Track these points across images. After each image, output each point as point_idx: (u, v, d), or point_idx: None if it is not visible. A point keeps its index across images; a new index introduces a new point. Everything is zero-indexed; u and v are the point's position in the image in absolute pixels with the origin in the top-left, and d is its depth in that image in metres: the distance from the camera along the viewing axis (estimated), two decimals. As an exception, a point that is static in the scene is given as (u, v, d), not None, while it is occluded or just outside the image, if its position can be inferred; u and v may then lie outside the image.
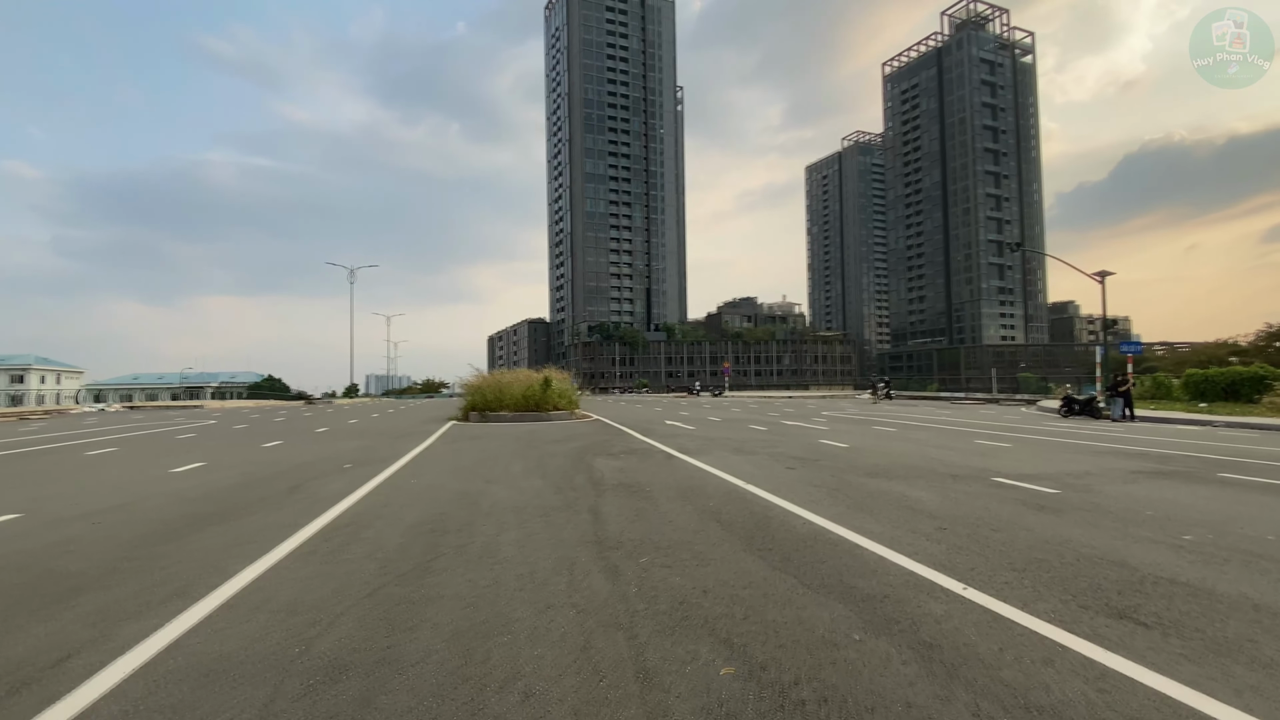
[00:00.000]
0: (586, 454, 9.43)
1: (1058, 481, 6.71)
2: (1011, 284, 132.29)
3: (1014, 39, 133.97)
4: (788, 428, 14.84)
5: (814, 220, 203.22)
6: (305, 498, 6.25)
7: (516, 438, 12.45)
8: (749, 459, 8.69)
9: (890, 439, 11.80)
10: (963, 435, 12.75)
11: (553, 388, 17.15)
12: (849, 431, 13.63)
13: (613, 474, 7.35)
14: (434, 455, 9.79)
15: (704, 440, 11.58)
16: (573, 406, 18.05)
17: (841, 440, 11.44)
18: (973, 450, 9.83)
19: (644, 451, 9.72)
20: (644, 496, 5.87)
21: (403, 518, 5.18)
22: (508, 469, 7.95)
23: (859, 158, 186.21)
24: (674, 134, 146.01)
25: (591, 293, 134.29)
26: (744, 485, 6.45)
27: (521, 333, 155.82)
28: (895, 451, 9.58)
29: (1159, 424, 16.15)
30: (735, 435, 12.68)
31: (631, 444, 11.00)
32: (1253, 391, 18.94)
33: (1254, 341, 44.14)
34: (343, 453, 10.45)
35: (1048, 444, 10.97)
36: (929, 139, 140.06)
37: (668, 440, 11.60)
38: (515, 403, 16.78)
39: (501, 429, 14.88)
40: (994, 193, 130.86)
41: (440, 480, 7.16)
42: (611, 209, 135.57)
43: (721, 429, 14.52)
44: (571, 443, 11.26)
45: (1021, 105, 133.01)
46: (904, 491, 6.09)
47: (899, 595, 3.12)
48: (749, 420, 17.80)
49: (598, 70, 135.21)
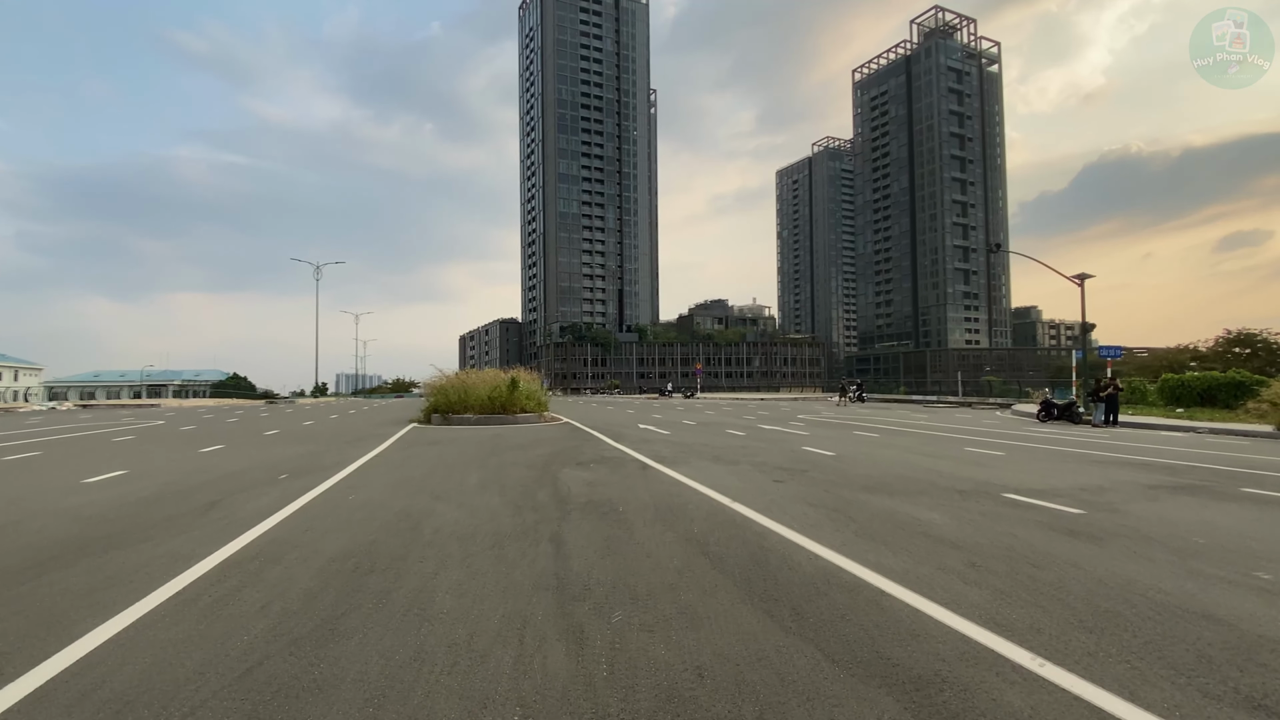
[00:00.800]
0: (553, 463, 8.52)
1: (1075, 499, 6.07)
2: (976, 289, 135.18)
3: (981, 48, 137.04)
4: (766, 432, 14.15)
5: (784, 224, 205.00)
6: (219, 518, 5.25)
7: (479, 443, 11.46)
8: (731, 470, 7.90)
9: (876, 446, 11.17)
10: (948, 441, 12.21)
11: (520, 389, 16.14)
12: (831, 438, 12.98)
13: (581, 488, 6.48)
14: (383, 464, 8.78)
15: (680, 447, 10.78)
16: (541, 409, 17.09)
17: (825, 447, 10.76)
18: (967, 459, 9.22)
19: (616, 460, 8.86)
20: (616, 520, 5.02)
21: (323, 548, 4.24)
22: (462, 482, 7.01)
23: (829, 163, 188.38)
24: (647, 136, 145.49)
25: (564, 293, 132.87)
26: (730, 504, 5.64)
27: (493, 333, 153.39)
28: (886, 461, 8.91)
29: (1142, 430, 15.94)
30: (713, 441, 11.92)
31: (602, 451, 10.13)
32: (1230, 397, 18.99)
33: (1213, 347, 45.41)
34: (284, 460, 9.36)
35: (1041, 452, 10.45)
36: (897, 145, 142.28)
37: (641, 447, 10.77)
38: (480, 404, 15.74)
39: (464, 433, 13.85)
40: (960, 199, 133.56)
41: (382, 496, 6.20)
42: (584, 209, 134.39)
43: (697, 434, 13.75)
44: (538, 449, 10.34)
45: (988, 113, 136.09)
46: (911, 512, 5.36)
47: (958, 676, 2.34)
48: (725, 424, 17.09)
49: (571, 71, 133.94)
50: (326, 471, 7.98)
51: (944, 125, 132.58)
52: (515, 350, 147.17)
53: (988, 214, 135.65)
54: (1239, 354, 42.18)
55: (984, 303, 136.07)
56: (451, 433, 13.98)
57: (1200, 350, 47.82)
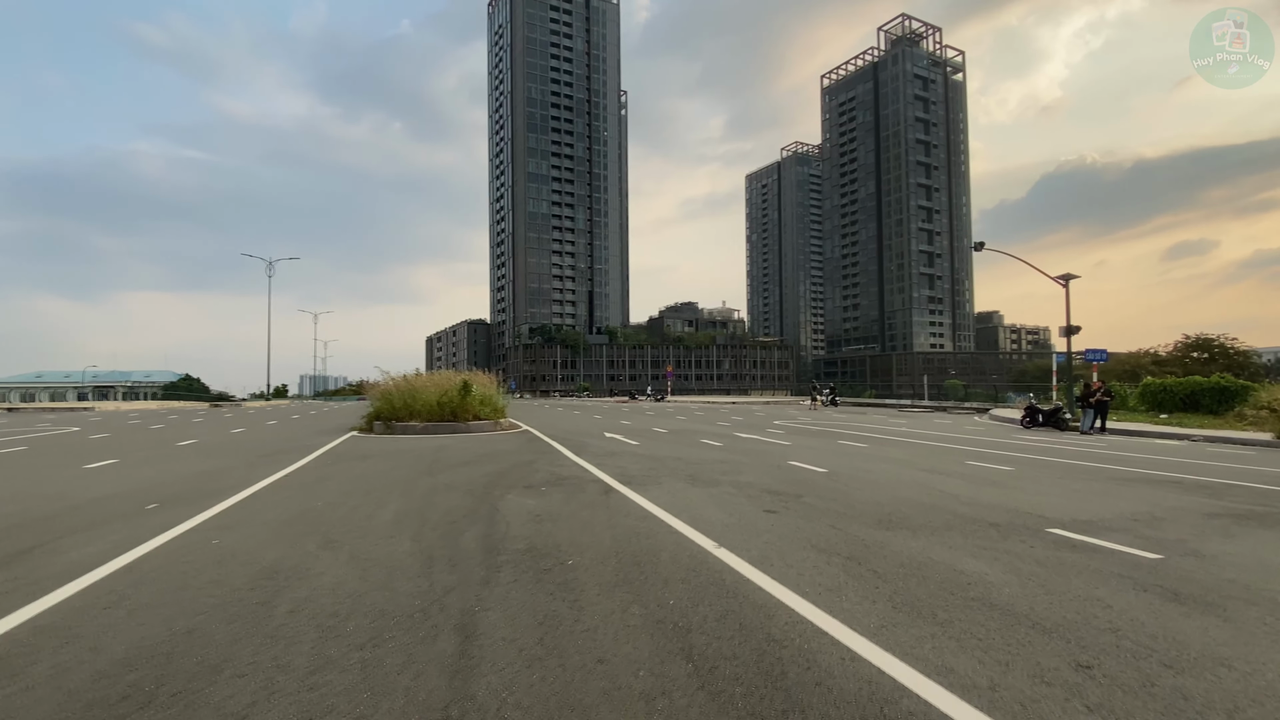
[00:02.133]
0: (497, 486, 7.08)
1: (1135, 535, 4.92)
2: (941, 293, 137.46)
3: (946, 57, 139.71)
4: (744, 443, 12.91)
5: (754, 228, 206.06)
6: (2, 582, 3.71)
7: (416, 458, 9.92)
8: (711, 494, 6.58)
9: (869, 459, 10.01)
10: (943, 453, 11.14)
11: (473, 394, 14.54)
12: (816, 449, 11.80)
13: (523, 526, 5.07)
14: (287, 488, 7.21)
15: (650, 462, 9.43)
16: (498, 415, 15.54)
17: (814, 461, 9.54)
18: (977, 477, 8.09)
19: (574, 482, 7.46)
20: (561, 583, 3.63)
21: (106, 647, 2.76)
22: (373, 516, 5.53)
23: (797, 168, 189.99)
24: (617, 137, 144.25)
25: (533, 294, 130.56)
26: (716, 551, 4.31)
27: (461, 334, 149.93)
28: (888, 480, 7.71)
29: (1132, 437, 15.22)
30: (687, 454, 10.60)
31: (560, 467, 8.72)
32: (1214, 403, 18.52)
33: (1172, 352, 46.19)
34: (173, 481, 7.71)
35: (1050, 467, 9.41)
36: (865, 151, 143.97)
37: (606, 462, 9.39)
38: (428, 411, 14.13)
39: (405, 445, 12.25)
40: (925, 205, 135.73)
41: (256, 541, 4.70)
42: (554, 210, 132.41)
43: (669, 444, 12.43)
44: (483, 466, 8.86)
45: (952, 121, 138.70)
46: (950, 560, 4.11)
47: None
48: (698, 431, 15.82)
49: (541, 70, 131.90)
50: (211, 499, 6.40)
51: (910, 132, 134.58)
52: (484, 352, 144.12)
53: (952, 220, 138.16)
54: (1197, 358, 42.91)
55: (948, 307, 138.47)
56: (390, 444, 12.37)
57: (1160, 355, 48.69)
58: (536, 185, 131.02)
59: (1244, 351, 47.60)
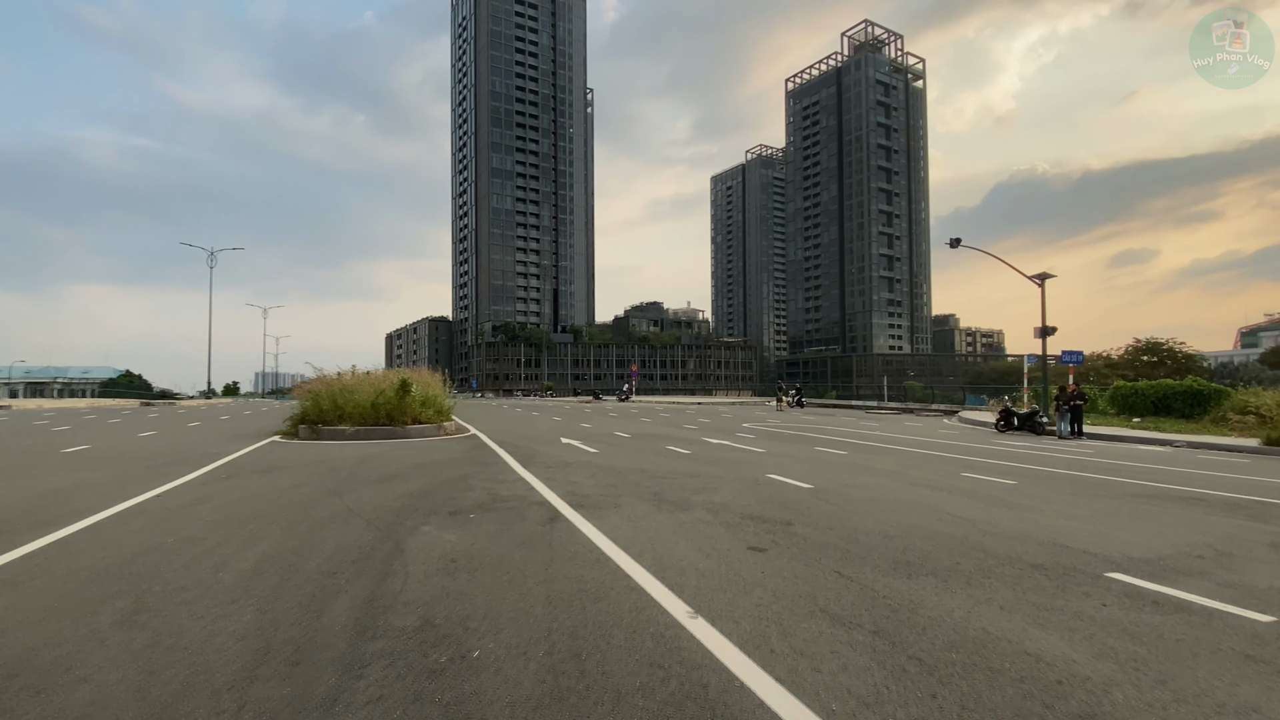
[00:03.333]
0: (414, 512, 5.69)
1: (1217, 581, 3.89)
2: (900, 296, 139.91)
3: (907, 64, 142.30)
4: (715, 450, 11.75)
5: (718, 229, 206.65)
6: None
7: (330, 471, 8.41)
8: (681, 522, 5.35)
9: (854, 470, 8.94)
10: (931, 462, 10.19)
11: (412, 394, 12.96)
12: (794, 457, 10.71)
13: (427, 581, 3.73)
14: (145, 514, 5.68)
15: (609, 476, 8.16)
16: (442, 418, 14.01)
17: (795, 474, 8.41)
18: (982, 494, 7.08)
19: (513, 505, 6.14)
20: (449, 709, 2.33)
21: None
22: (226, 564, 4.10)
23: (762, 170, 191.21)
24: (584, 135, 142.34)
25: (497, 291, 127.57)
26: (691, 624, 3.07)
27: (422, 331, 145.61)
28: (884, 500, 6.62)
29: (1112, 443, 14.65)
30: (652, 465, 9.37)
31: (501, 484, 7.37)
32: (1186, 407, 18.24)
33: (1124, 355, 47.27)
34: (11, 501, 6.08)
35: (1055, 480, 8.50)
36: (828, 155, 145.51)
37: (556, 476, 8.08)
38: (361, 413, 12.51)
39: (325, 453, 10.67)
40: (886, 209, 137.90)
41: (34, 605, 3.24)
42: (519, 206, 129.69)
43: (631, 452, 11.18)
44: (408, 482, 7.44)
45: (913, 127, 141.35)
46: (1013, 635, 2.96)
47: None
48: (663, 436, 14.62)
49: (506, 64, 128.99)
50: (32, 531, 4.87)
51: (872, 137, 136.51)
52: (446, 350, 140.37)
53: (911, 224, 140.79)
54: (1147, 361, 43.96)
55: (907, 310, 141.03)
56: (309, 453, 10.77)
57: (1112, 358, 49.88)
58: (500, 181, 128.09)
59: (1191, 355, 49.16)
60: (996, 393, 45.27)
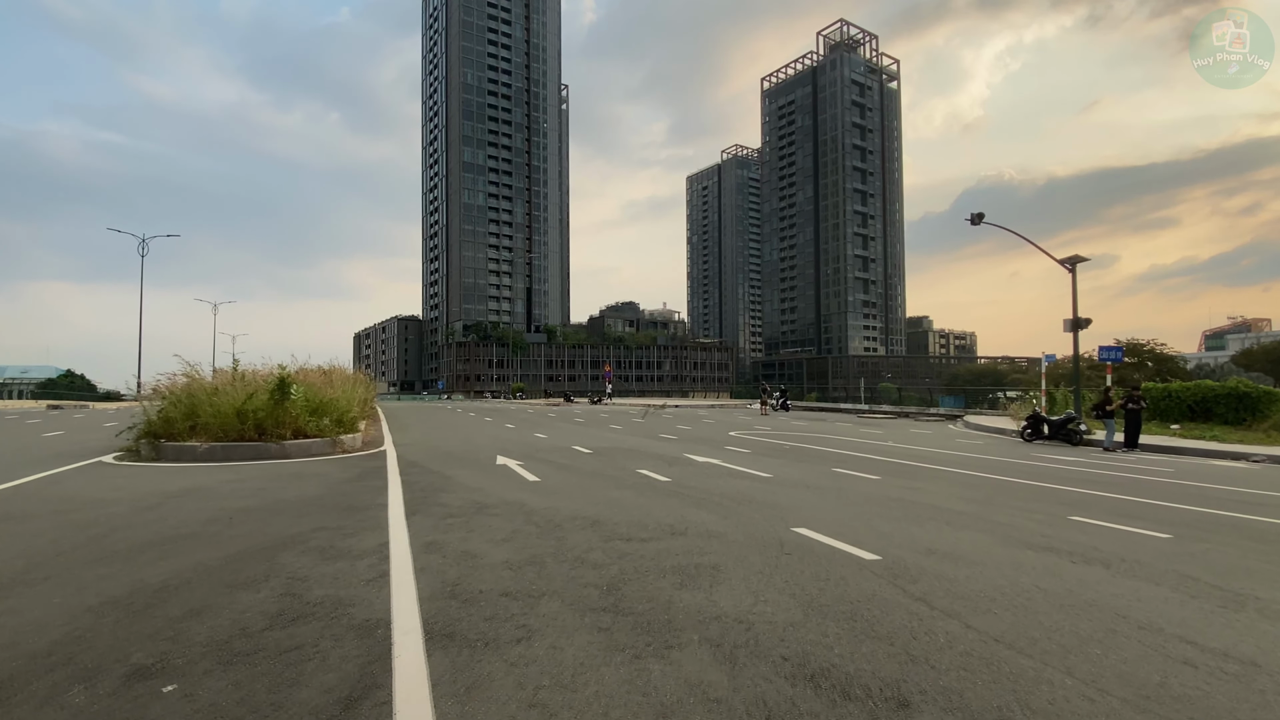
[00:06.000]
0: (49, 672, 2.53)
1: None
2: (875, 298, 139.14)
3: (882, 65, 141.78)
4: (702, 474, 8.71)
5: (694, 230, 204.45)
6: None
7: (72, 530, 5.11)
8: (661, 706, 2.28)
9: (919, 518, 5.97)
10: (1002, 492, 7.28)
11: (294, 398, 9.58)
12: (812, 486, 7.72)
13: None
14: None
15: (537, 537, 5.04)
16: (341, 429, 10.71)
17: (835, 527, 5.40)
18: (1161, 571, 4.14)
19: (301, 642, 2.99)
20: None
21: None
22: None
23: (737, 171, 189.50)
24: (558, 131, 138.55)
25: (468, 290, 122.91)
26: None
27: (391, 331, 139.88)
28: (1022, 594, 3.63)
29: (1169, 455, 12.03)
30: (612, 509, 6.28)
31: (326, 565, 4.20)
32: (1230, 412, 15.86)
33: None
34: None
35: (1219, 526, 5.63)
36: (803, 155, 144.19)
37: (448, 537, 4.93)
38: (221, 424, 9.17)
39: (128, 486, 7.32)
40: (861, 210, 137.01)
41: None
42: (491, 202, 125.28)
43: (587, 480, 8.08)
44: (169, 561, 4.20)
45: (888, 128, 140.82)
46: None
47: None
48: (634, 450, 11.55)
49: (478, 55, 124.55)
50: None
51: (847, 137, 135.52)
52: (415, 350, 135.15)
53: (886, 226, 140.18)
54: (1129, 363, 42.62)
55: (881, 312, 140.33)
56: (104, 486, 7.40)
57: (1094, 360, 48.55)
58: (472, 176, 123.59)
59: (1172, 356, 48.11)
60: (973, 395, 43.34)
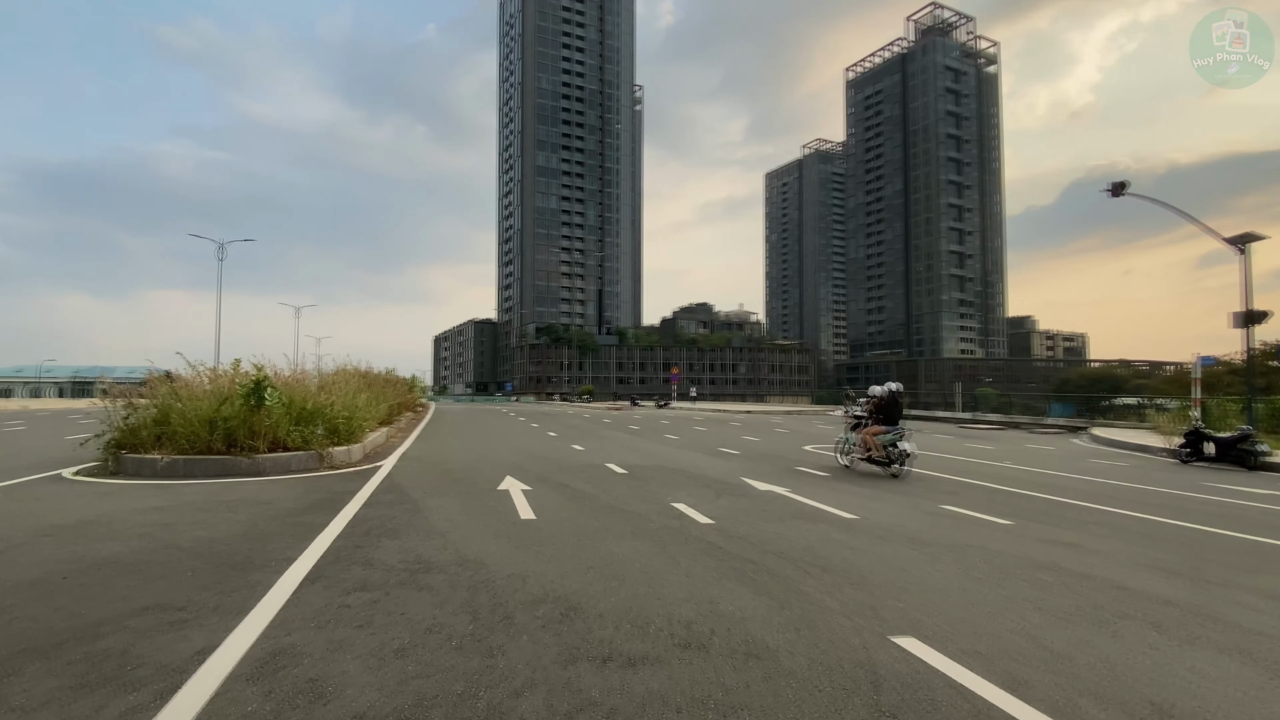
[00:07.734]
0: None
1: None
2: (971, 296, 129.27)
3: (979, 48, 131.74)
4: (758, 509, 6.52)
5: (773, 228, 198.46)
6: None
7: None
8: None
9: (1107, 611, 3.56)
10: (1213, 563, 4.68)
11: (270, 404, 8.20)
12: (923, 537, 5.36)
13: None
14: None
15: (452, 651, 3.12)
16: (340, 439, 9.30)
17: (976, 638, 3.13)
18: None
19: None
20: None
21: None
22: None
23: (819, 166, 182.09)
24: (631, 132, 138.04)
25: (541, 293, 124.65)
26: None
27: (468, 333, 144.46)
28: None
29: None
30: (598, 591, 4.25)
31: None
32: None
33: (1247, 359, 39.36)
34: None
35: None
36: (891, 147, 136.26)
37: (316, 637, 3.10)
38: (190, 433, 7.90)
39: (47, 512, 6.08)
40: (956, 203, 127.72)
41: None
42: (564, 205, 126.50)
43: (601, 517, 6.10)
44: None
45: (985, 115, 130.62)
46: None
47: None
48: (678, 471, 9.46)
49: (552, 59, 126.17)
50: None
51: (940, 127, 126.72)
52: (490, 352, 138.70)
53: (984, 219, 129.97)
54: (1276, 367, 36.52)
55: (979, 311, 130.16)
56: (12, 512, 6.19)
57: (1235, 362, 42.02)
58: (546, 179, 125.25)
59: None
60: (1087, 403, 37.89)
